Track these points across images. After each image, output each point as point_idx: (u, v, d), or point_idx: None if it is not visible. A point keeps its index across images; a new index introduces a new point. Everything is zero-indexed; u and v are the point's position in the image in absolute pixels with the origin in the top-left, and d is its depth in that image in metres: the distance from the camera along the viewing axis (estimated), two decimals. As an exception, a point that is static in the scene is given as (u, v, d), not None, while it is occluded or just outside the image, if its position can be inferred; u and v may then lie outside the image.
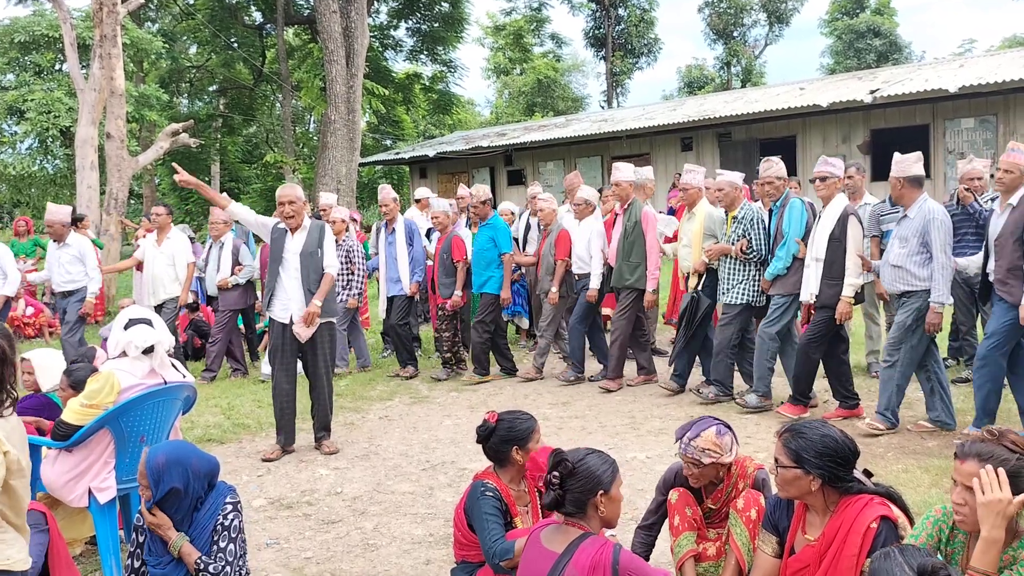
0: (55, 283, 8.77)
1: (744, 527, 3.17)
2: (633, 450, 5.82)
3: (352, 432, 6.78)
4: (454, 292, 8.41)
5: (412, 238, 8.82)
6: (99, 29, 14.89)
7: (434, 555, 4.24)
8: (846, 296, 6.14)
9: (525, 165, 20.71)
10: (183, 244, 9.11)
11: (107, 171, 15.38)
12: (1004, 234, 5.45)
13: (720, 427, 3.31)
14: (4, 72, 22.85)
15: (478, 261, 8.42)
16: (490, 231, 8.43)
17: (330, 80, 19.98)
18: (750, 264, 6.93)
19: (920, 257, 5.72)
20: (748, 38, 42.55)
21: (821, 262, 6.23)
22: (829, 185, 6.30)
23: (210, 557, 3.19)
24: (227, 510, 3.27)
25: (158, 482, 3.17)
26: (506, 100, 41.73)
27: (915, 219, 5.77)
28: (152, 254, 9.05)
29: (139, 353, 4.08)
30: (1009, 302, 5.40)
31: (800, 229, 6.55)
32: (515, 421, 3.39)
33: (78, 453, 3.96)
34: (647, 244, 7.65)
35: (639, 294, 7.73)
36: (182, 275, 8.99)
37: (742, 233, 6.90)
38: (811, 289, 6.28)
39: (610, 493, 2.71)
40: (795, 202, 6.68)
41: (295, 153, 27.71)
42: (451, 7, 29.49)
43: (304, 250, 6.21)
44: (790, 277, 6.57)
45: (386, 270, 8.83)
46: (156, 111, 24.54)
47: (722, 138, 17.41)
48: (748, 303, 6.96)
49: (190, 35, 29.78)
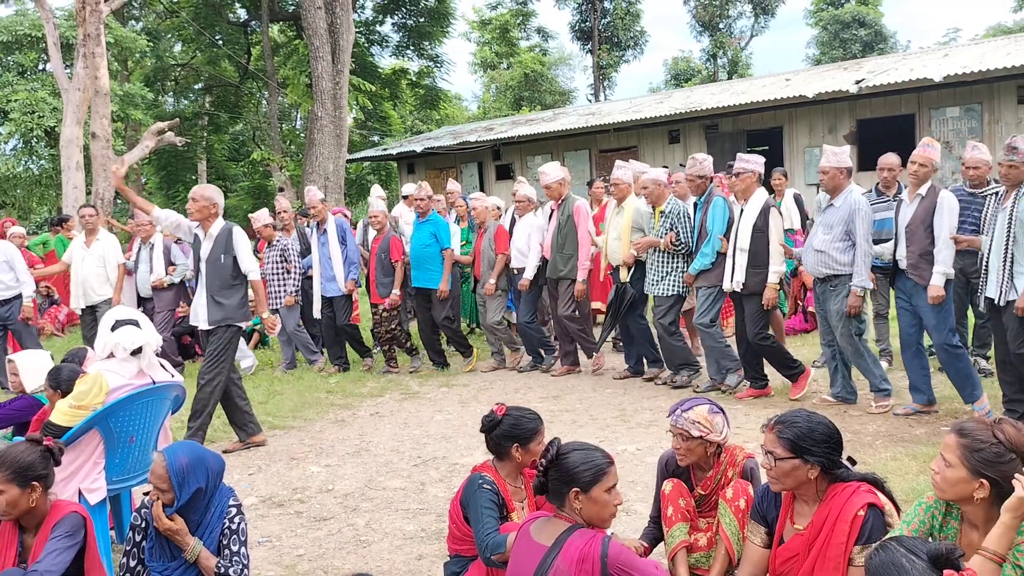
0: None
1: (733, 517, 3.19)
2: (624, 442, 5.85)
3: (343, 429, 6.78)
4: (392, 291, 8.58)
5: (344, 237, 8.92)
6: (82, 28, 14.79)
7: (426, 550, 4.25)
8: (771, 283, 6.63)
9: (513, 159, 20.68)
10: (113, 245, 9.08)
11: (93, 171, 15.31)
12: (914, 222, 5.95)
13: (713, 407, 3.37)
14: (-13, 72, 22.66)
15: (419, 257, 8.59)
16: (431, 227, 8.60)
17: (316, 77, 19.89)
18: (678, 256, 7.36)
19: (843, 244, 6.17)
20: (734, 30, 42.54)
21: (746, 252, 6.68)
22: (745, 179, 6.75)
23: (226, 562, 3.17)
24: (232, 513, 3.24)
25: (183, 484, 3.11)
26: (493, 95, 41.64)
27: (841, 208, 6.20)
28: (81, 256, 8.96)
29: (127, 354, 4.07)
30: (921, 284, 5.90)
31: (723, 227, 6.97)
32: (521, 419, 3.35)
33: (67, 454, 3.93)
34: (579, 237, 8.02)
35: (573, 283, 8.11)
36: (113, 276, 8.96)
37: (670, 226, 7.29)
38: (738, 278, 6.73)
39: (589, 493, 2.64)
40: (718, 200, 7.07)
41: (282, 150, 27.57)
42: (437, 2, 29.33)
43: (210, 257, 6.16)
44: (714, 270, 7.03)
45: (320, 270, 8.90)
46: (141, 110, 24.38)
47: (709, 130, 17.43)
48: (679, 294, 7.40)
49: (174, 33, 29.52)
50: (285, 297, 9.05)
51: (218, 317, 6.13)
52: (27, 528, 3.24)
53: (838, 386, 6.57)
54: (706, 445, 3.32)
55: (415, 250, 8.63)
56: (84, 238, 9.06)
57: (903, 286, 6.14)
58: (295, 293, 9.08)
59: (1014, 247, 5.33)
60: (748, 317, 6.80)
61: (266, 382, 8.62)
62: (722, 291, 7.02)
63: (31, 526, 3.22)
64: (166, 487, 3.11)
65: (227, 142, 32.06)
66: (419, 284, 8.65)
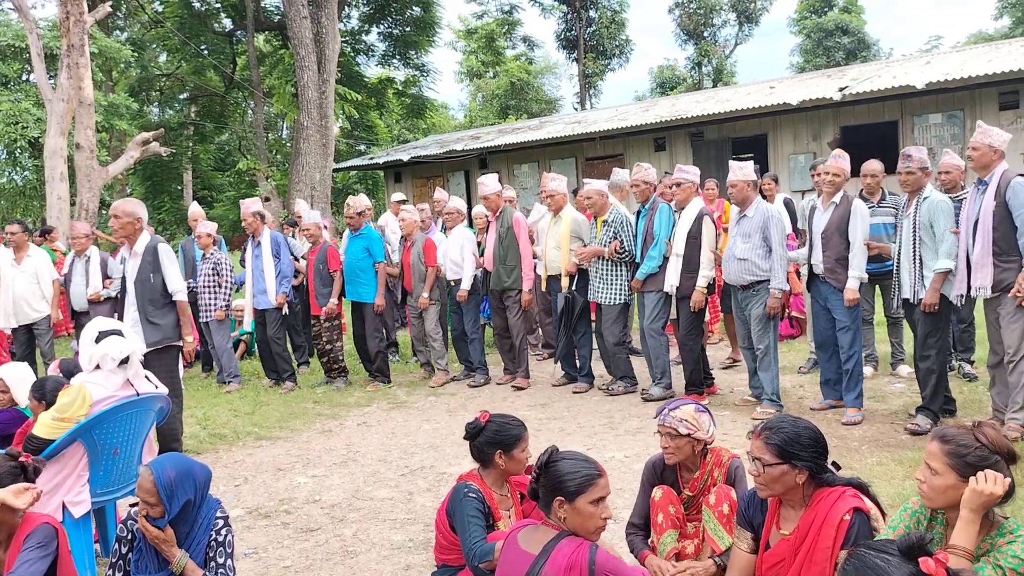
0: None
1: (717, 522, 3.21)
2: (611, 450, 5.85)
3: (330, 439, 6.75)
4: (330, 300, 8.60)
5: (279, 251, 8.92)
6: (66, 39, 14.74)
7: (414, 560, 4.23)
8: (700, 287, 6.93)
9: (500, 168, 20.69)
10: (45, 261, 8.96)
11: (77, 182, 15.23)
12: (829, 229, 6.28)
13: (699, 406, 3.42)
14: (-30, 83, 22.53)
15: (353, 270, 8.62)
16: (364, 241, 8.66)
17: (302, 86, 19.86)
18: (622, 265, 7.51)
19: (763, 250, 6.47)
20: (718, 38, 42.81)
21: (680, 257, 7.00)
22: (685, 190, 7.10)
23: (212, 574, 3.15)
24: (219, 525, 3.22)
25: (172, 497, 3.09)
26: (480, 103, 41.70)
27: (755, 218, 6.51)
28: (12, 274, 8.75)
29: (115, 365, 4.04)
30: (836, 287, 6.21)
31: (668, 231, 7.21)
32: (504, 425, 3.35)
33: (51, 468, 3.90)
34: (520, 248, 8.19)
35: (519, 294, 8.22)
36: (48, 293, 8.85)
37: (613, 235, 7.46)
38: (672, 282, 7.06)
39: (574, 504, 2.61)
40: (663, 206, 7.33)
41: (268, 160, 27.51)
42: (422, 11, 29.39)
43: (138, 276, 5.93)
44: (661, 274, 7.22)
45: (253, 282, 8.89)
46: (126, 120, 24.31)
47: (695, 138, 17.51)
48: (625, 302, 7.58)
49: (159, 43, 29.43)
50: (215, 311, 8.90)
51: (155, 339, 5.83)
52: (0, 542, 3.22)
53: (759, 387, 6.73)
54: (693, 443, 3.35)
55: (349, 264, 8.65)
56: (13, 256, 8.82)
57: (819, 290, 6.41)
58: (225, 308, 8.95)
59: (922, 250, 5.75)
60: (681, 319, 7.14)
61: (252, 392, 8.57)
62: (669, 296, 7.22)
63: (2, 539, 3.20)
64: (154, 501, 3.08)
65: (213, 152, 32.00)
66: (353, 298, 8.68)
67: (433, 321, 8.73)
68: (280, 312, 8.87)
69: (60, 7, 15.01)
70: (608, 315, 7.58)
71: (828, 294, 6.31)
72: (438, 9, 29.96)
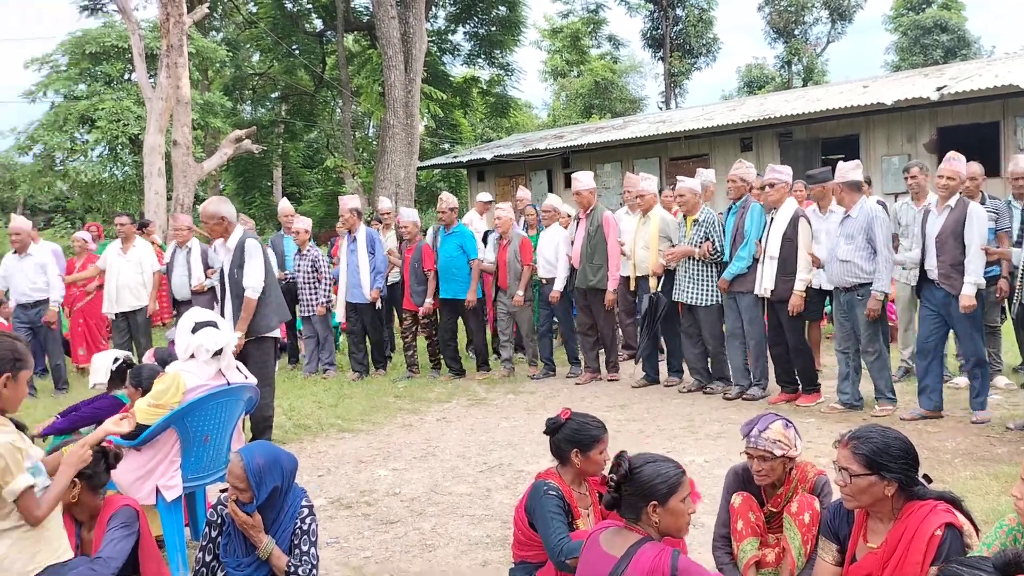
0: (19, 293, 8.83)
1: (797, 531, 3.13)
2: (691, 453, 5.77)
3: (410, 433, 6.86)
4: (426, 300, 8.82)
5: (374, 247, 9.11)
6: (166, 39, 15.32)
7: (492, 556, 4.27)
8: (798, 290, 6.80)
9: (582, 167, 20.62)
10: (149, 252, 9.31)
11: (174, 177, 15.81)
12: (944, 233, 6.11)
13: (785, 421, 3.32)
14: (76, 82, 23.51)
15: (448, 268, 8.73)
16: (458, 238, 8.76)
17: (389, 85, 20.20)
18: (712, 265, 7.43)
19: (866, 252, 6.37)
20: (810, 36, 41.66)
21: (776, 260, 6.86)
22: (779, 190, 6.99)
23: (296, 561, 3.24)
24: (304, 513, 3.32)
25: (260, 484, 3.21)
26: (563, 102, 41.62)
27: (858, 218, 6.42)
28: (118, 263, 9.14)
29: (209, 356, 4.19)
30: (952, 293, 6.06)
31: (759, 231, 7.10)
32: (584, 425, 3.34)
33: (146, 452, 4.07)
34: (608, 247, 8.16)
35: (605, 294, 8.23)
36: (149, 283, 9.20)
37: (704, 236, 7.35)
38: (766, 285, 6.94)
39: (667, 505, 2.62)
40: (755, 205, 7.23)
41: (355, 157, 28.05)
42: (508, 11, 29.53)
43: (229, 271, 6.08)
44: (750, 275, 7.13)
45: (347, 277, 9.10)
46: (220, 118, 25.09)
47: (783, 138, 17.11)
48: (719, 303, 7.48)
49: (253, 43, 30.34)
50: (317, 307, 9.29)
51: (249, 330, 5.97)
52: (82, 523, 3.40)
53: (848, 393, 6.70)
54: (785, 462, 3.28)
55: (443, 261, 8.79)
56: (120, 245, 9.27)
57: (932, 296, 6.24)
58: (325, 303, 9.31)
59: None
60: (784, 325, 6.98)
61: (336, 385, 8.77)
62: (758, 297, 7.12)
63: (86, 520, 3.38)
64: (244, 486, 3.19)
65: (302, 149, 32.79)
66: (448, 295, 8.81)
67: (527, 319, 8.81)
68: (374, 306, 9.13)
69: (160, 9, 15.61)
70: (706, 317, 7.50)
71: (942, 300, 6.15)
72: (524, 8, 30.05)
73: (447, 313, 8.94)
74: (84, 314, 10.06)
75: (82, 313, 10.04)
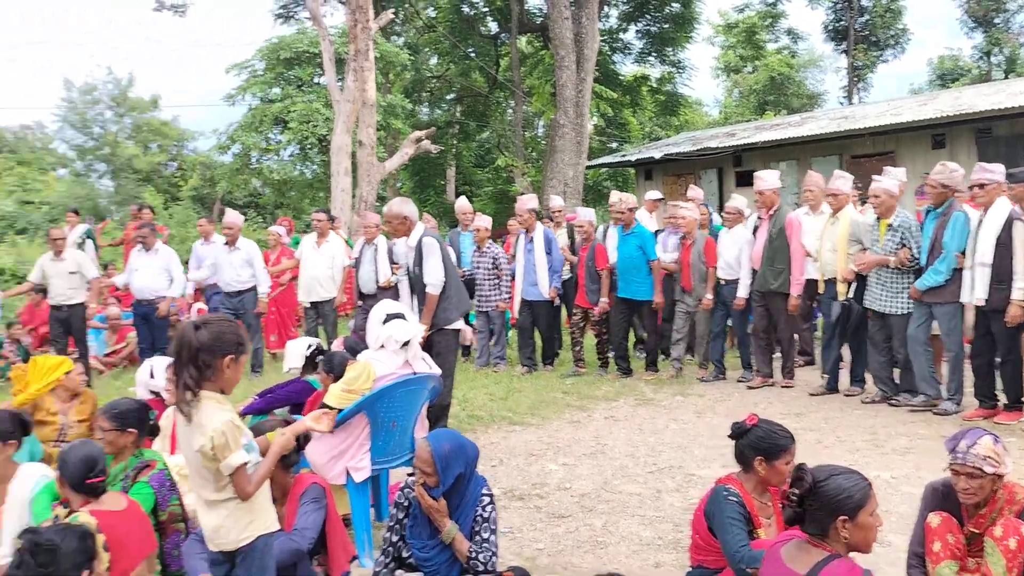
0: (225, 284, 9.51)
1: (1002, 557, 2.93)
2: (876, 468, 5.50)
3: (579, 430, 6.93)
4: (600, 299, 8.83)
5: (550, 247, 9.24)
6: (354, 44, 16.14)
7: (663, 558, 4.26)
8: (1016, 299, 6.22)
9: (755, 166, 19.98)
10: (340, 247, 9.86)
11: (358, 176, 16.64)
12: None
13: (994, 436, 3.13)
14: (271, 86, 25.20)
15: (626, 268, 8.69)
16: (637, 239, 8.70)
17: (560, 85, 20.38)
18: (908, 272, 6.99)
19: None
20: (1012, 24, 38.44)
21: (988, 267, 6.35)
22: (989, 191, 6.47)
23: (477, 547, 3.38)
24: (484, 501, 3.45)
25: (446, 469, 3.37)
26: (736, 99, 40.51)
27: None
28: (313, 257, 9.82)
29: (398, 347, 4.42)
30: None
31: (962, 243, 6.62)
32: (771, 433, 3.29)
33: (338, 435, 4.34)
34: (791, 250, 7.86)
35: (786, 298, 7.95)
36: (338, 276, 9.71)
37: (900, 242, 6.90)
38: (979, 294, 6.44)
39: (856, 520, 2.52)
40: (959, 215, 6.71)
41: (524, 157, 28.50)
42: (682, 7, 29.04)
43: (412, 268, 6.39)
44: (949, 286, 6.69)
45: (524, 275, 9.28)
46: (401, 119, 26.16)
47: (981, 134, 15.89)
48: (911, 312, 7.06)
49: (431, 47, 31.44)
50: (497, 302, 9.54)
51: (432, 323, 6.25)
52: (276, 499, 3.68)
53: None
54: (994, 480, 3.09)
55: (621, 262, 8.78)
56: (315, 240, 9.99)
57: None
58: (505, 299, 9.55)
59: None
60: (997, 336, 6.49)
61: (506, 379, 8.98)
62: (961, 306, 6.74)
63: (279, 497, 3.66)
64: (431, 471, 3.36)
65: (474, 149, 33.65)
66: (626, 295, 8.80)
67: (705, 320, 8.72)
68: (550, 304, 9.37)
69: (349, 15, 16.46)
70: (899, 325, 7.10)
71: None
72: (698, 5, 29.48)
73: (622, 312, 8.95)
74: (277, 303, 10.85)
75: (275, 302, 10.82)
